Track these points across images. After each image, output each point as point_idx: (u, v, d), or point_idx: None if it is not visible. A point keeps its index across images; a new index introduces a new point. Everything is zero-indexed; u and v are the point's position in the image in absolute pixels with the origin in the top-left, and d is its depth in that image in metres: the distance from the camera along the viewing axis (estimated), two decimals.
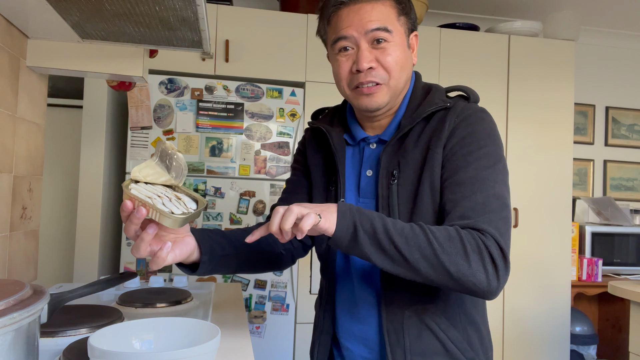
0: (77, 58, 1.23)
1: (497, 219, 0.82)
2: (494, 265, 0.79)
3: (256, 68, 2.34)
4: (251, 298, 2.25)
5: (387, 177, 0.93)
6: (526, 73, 2.66)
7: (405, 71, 0.95)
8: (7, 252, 1.14)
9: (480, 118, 0.92)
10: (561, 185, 2.66)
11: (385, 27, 0.91)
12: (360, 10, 0.92)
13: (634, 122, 3.54)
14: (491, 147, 0.89)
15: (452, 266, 0.77)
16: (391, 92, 0.94)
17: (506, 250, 0.80)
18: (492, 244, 0.79)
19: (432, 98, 0.95)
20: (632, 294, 1.76)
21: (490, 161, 0.87)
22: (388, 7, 0.93)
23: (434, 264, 0.78)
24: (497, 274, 0.79)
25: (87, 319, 0.97)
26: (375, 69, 0.92)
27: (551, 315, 2.63)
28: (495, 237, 0.80)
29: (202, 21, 1.01)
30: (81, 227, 2.20)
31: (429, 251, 0.78)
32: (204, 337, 0.76)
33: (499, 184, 0.86)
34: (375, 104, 0.94)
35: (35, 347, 0.62)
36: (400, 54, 0.93)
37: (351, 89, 0.96)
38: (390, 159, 0.94)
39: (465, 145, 0.88)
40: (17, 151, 1.18)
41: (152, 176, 0.82)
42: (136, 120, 2.17)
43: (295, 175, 1.13)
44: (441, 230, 0.80)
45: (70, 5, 0.96)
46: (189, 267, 0.92)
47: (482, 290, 0.79)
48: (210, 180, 2.24)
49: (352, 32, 0.92)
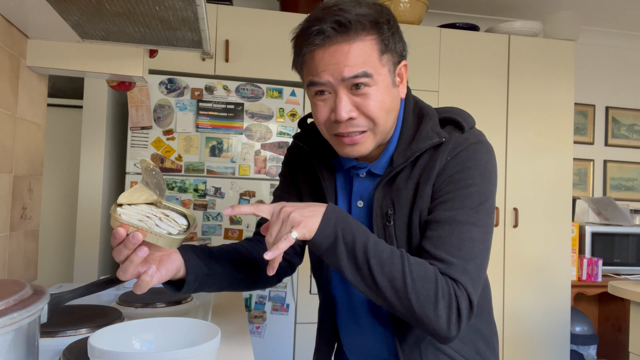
0: (77, 58, 1.22)
1: (470, 267, 0.79)
2: (459, 316, 0.77)
3: (256, 68, 2.34)
4: (251, 298, 2.25)
5: (382, 217, 0.89)
6: (526, 73, 2.66)
7: (391, 114, 0.87)
8: (7, 252, 1.14)
9: (473, 152, 0.86)
10: (561, 185, 2.66)
11: (365, 72, 0.81)
12: (336, 53, 0.81)
13: (634, 122, 3.54)
14: (480, 185, 0.84)
15: (418, 306, 0.76)
16: (378, 137, 0.87)
17: (474, 302, 0.79)
18: (463, 296, 0.78)
19: (426, 130, 0.88)
20: (632, 294, 1.76)
21: (475, 201, 0.83)
22: (369, 45, 0.82)
23: (401, 297, 0.76)
24: (459, 324, 0.78)
25: (87, 319, 0.97)
26: (356, 119, 0.83)
27: (551, 315, 2.63)
28: (468, 289, 0.78)
29: (202, 21, 1.01)
30: (81, 227, 2.20)
31: (399, 283, 0.76)
32: (204, 337, 0.76)
33: (480, 226, 0.82)
34: (358, 153, 0.87)
35: (35, 347, 0.62)
36: (384, 97, 0.84)
37: (331, 135, 0.87)
38: (383, 198, 0.90)
39: (451, 182, 0.84)
40: (17, 151, 1.18)
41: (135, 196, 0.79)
42: (136, 120, 2.17)
43: (284, 192, 1.07)
44: (420, 266, 0.78)
45: (70, 5, 0.96)
46: (174, 285, 0.89)
47: (439, 335, 0.78)
48: (210, 180, 2.24)
49: (327, 78, 0.82)
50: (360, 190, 0.94)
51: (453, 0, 3.06)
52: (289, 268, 1.07)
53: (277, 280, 1.05)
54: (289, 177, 1.07)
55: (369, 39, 0.82)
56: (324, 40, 0.81)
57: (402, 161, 0.88)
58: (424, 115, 0.91)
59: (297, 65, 0.89)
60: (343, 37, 0.81)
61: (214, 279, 0.91)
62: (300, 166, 1.04)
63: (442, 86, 2.56)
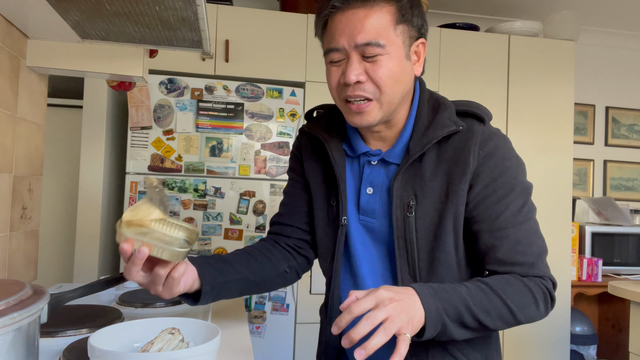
0: (77, 58, 1.22)
1: (543, 257, 0.87)
2: (552, 301, 0.87)
3: (256, 68, 2.34)
4: (251, 298, 2.25)
5: (402, 208, 0.88)
6: (526, 73, 2.66)
7: (400, 85, 0.87)
8: (7, 252, 1.14)
9: (507, 150, 0.89)
10: (561, 185, 2.66)
11: (377, 42, 0.83)
12: (352, 18, 0.83)
13: (634, 122, 3.54)
14: (522, 183, 0.89)
15: (526, 318, 0.83)
16: (384, 109, 0.87)
17: (556, 282, 0.89)
18: (549, 285, 0.86)
19: (442, 118, 0.89)
20: (632, 294, 1.76)
21: (523, 198, 0.88)
22: (385, 14, 0.84)
23: (511, 322, 0.83)
24: (552, 306, 0.87)
25: (87, 319, 0.97)
26: (364, 83, 0.85)
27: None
28: (552, 278, 0.87)
29: (202, 21, 1.01)
30: (81, 227, 2.20)
31: (509, 316, 0.82)
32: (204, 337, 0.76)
33: (533, 220, 0.89)
34: (366, 122, 0.88)
35: (35, 347, 0.62)
36: (395, 67, 0.85)
37: (341, 101, 0.89)
38: (404, 188, 0.89)
39: (499, 187, 0.86)
40: (17, 151, 1.18)
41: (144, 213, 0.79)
42: (136, 120, 2.17)
43: (294, 188, 1.08)
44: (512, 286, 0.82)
45: (70, 5, 0.96)
46: (191, 297, 0.90)
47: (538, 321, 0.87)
48: (210, 180, 2.24)
49: (342, 44, 0.84)
50: (372, 177, 0.94)
51: (453, 0, 3.06)
52: (307, 263, 1.09)
53: (297, 277, 1.07)
54: (297, 172, 1.08)
55: (386, 7, 0.84)
56: (343, 3, 0.84)
57: (418, 149, 0.88)
58: (441, 105, 0.92)
59: (319, 31, 0.92)
60: (362, 2, 0.84)
61: (230, 286, 0.92)
62: (309, 158, 1.04)
63: (442, 86, 2.56)
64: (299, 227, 1.06)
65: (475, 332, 0.82)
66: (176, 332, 0.76)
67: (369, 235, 0.95)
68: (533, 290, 0.83)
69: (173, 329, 0.77)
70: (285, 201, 1.10)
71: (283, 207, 1.10)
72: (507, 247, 0.85)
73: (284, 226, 1.07)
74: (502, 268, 0.86)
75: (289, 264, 1.04)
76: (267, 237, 1.09)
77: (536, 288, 0.84)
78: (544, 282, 0.86)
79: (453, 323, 0.77)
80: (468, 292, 0.80)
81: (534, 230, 0.87)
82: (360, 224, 0.96)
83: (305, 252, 1.07)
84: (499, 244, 0.86)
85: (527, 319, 0.84)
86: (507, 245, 0.85)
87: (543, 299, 0.85)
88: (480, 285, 0.82)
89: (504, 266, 0.85)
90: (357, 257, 0.96)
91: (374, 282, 0.95)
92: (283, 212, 1.09)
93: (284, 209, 1.09)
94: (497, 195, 0.86)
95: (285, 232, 1.07)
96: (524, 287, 0.83)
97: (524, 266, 0.85)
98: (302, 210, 1.06)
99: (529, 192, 0.90)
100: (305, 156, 1.05)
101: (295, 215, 1.07)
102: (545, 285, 0.85)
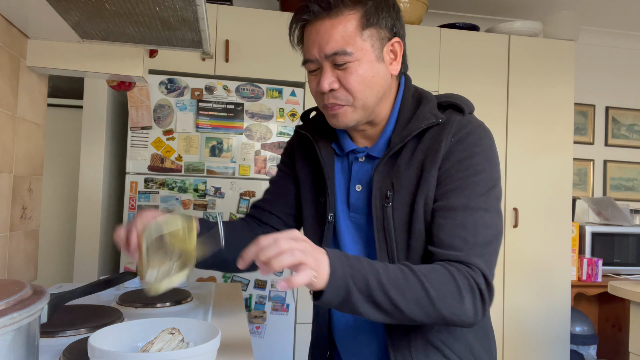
0: (77, 58, 1.23)
1: (486, 252, 0.82)
2: (482, 301, 0.80)
3: (256, 68, 2.34)
4: (251, 298, 2.25)
5: (381, 199, 0.90)
6: (526, 73, 2.66)
7: (373, 88, 0.89)
8: (7, 252, 1.14)
9: (478, 138, 0.87)
10: (561, 185, 2.66)
11: (344, 50, 0.85)
12: (320, 29, 0.87)
13: (634, 122, 3.54)
14: (488, 171, 0.86)
15: (447, 310, 0.77)
16: (359, 112, 0.90)
17: (492, 283, 0.81)
18: (481, 279, 0.80)
19: (423, 112, 0.90)
20: (632, 294, 1.76)
21: (484, 187, 0.85)
22: (350, 21, 0.86)
23: (430, 312, 0.77)
24: (483, 307, 0.80)
25: (87, 319, 0.97)
26: (337, 90, 0.88)
27: (551, 315, 2.63)
28: (484, 272, 0.80)
29: (202, 21, 1.01)
30: (81, 227, 2.20)
31: (425, 301, 0.76)
32: (204, 337, 0.76)
33: (491, 212, 0.84)
34: (342, 124, 0.91)
35: (35, 347, 0.62)
36: (366, 72, 0.87)
37: (321, 107, 0.93)
38: (382, 179, 0.90)
39: (461, 169, 0.85)
40: (17, 151, 1.18)
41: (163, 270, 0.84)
42: (136, 120, 2.17)
43: (282, 179, 1.10)
44: (435, 272, 0.78)
45: (70, 5, 0.96)
46: None
47: (467, 323, 0.80)
48: (210, 180, 2.24)
49: (314, 55, 0.88)
50: (360, 174, 0.96)
51: (453, 0, 3.06)
52: None
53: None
54: (288, 165, 1.10)
55: (350, 15, 0.86)
56: (310, 16, 0.88)
57: (398, 141, 0.90)
58: (423, 99, 0.94)
59: (294, 44, 0.96)
60: (327, 13, 0.86)
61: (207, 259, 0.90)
62: (300, 155, 1.07)
63: (442, 86, 2.56)
64: (279, 217, 1.08)
65: (389, 315, 0.76)
66: (176, 332, 0.76)
67: (358, 232, 0.97)
68: (457, 279, 0.78)
69: (173, 329, 0.77)
70: (271, 189, 1.12)
71: (267, 194, 1.12)
72: (450, 229, 0.83)
73: (264, 212, 1.09)
74: (438, 250, 0.83)
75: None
76: (248, 219, 1.11)
77: (462, 278, 0.78)
78: (473, 273, 0.79)
79: (359, 293, 0.74)
80: (384, 268, 0.76)
81: (484, 222, 0.83)
82: (350, 221, 0.97)
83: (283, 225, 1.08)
84: (444, 223, 0.83)
85: (448, 312, 0.77)
86: (451, 226, 0.83)
87: (469, 291, 0.78)
88: (400, 266, 0.78)
89: (442, 248, 0.82)
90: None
91: None
92: (267, 199, 1.11)
93: (268, 196, 1.11)
94: (458, 176, 0.85)
95: (265, 218, 1.09)
96: (448, 275, 0.78)
97: (459, 252, 0.81)
98: (285, 200, 1.08)
99: (493, 185, 0.86)
100: (297, 154, 1.08)
101: (277, 204, 1.09)
102: (473, 277, 0.79)
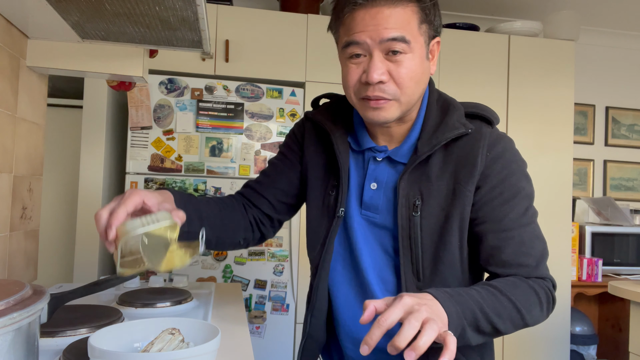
0: (77, 58, 1.22)
1: (545, 260, 0.89)
2: (554, 304, 0.89)
3: (256, 68, 2.34)
4: (251, 298, 2.25)
5: (408, 207, 0.89)
6: (526, 73, 2.66)
7: (420, 85, 0.87)
8: (7, 252, 1.14)
9: (513, 154, 0.90)
10: (561, 185, 2.66)
11: (403, 37, 0.82)
12: (377, 15, 0.82)
13: (634, 122, 3.54)
14: (527, 187, 0.90)
15: (532, 321, 0.84)
16: (403, 108, 0.87)
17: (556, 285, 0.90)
18: (551, 286, 0.88)
19: (452, 120, 0.89)
20: (632, 294, 1.76)
21: (528, 202, 0.89)
22: (410, 13, 0.83)
23: (519, 325, 0.83)
24: (553, 307, 0.89)
25: (87, 319, 0.96)
26: (386, 83, 0.84)
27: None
28: (552, 280, 0.89)
29: (202, 21, 1.01)
30: (81, 227, 2.20)
31: (518, 319, 0.82)
32: (204, 337, 0.76)
33: (535, 223, 0.90)
34: (383, 119, 0.87)
35: (35, 347, 0.62)
36: (417, 68, 0.85)
37: (358, 99, 0.88)
38: (409, 187, 0.89)
39: (505, 189, 0.87)
40: (17, 151, 1.18)
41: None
42: (136, 120, 2.17)
43: (282, 163, 1.07)
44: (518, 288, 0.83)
45: (70, 5, 0.96)
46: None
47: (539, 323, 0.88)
48: (210, 180, 2.24)
49: (365, 39, 0.83)
50: (376, 173, 0.94)
51: (453, 0, 3.06)
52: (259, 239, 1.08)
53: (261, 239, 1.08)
54: (293, 150, 1.06)
55: (410, 5, 0.83)
56: (367, 0, 0.82)
57: (426, 149, 0.88)
58: (450, 106, 0.93)
59: (334, 26, 0.90)
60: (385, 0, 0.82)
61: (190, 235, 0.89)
62: (311, 145, 1.03)
63: (442, 86, 2.56)
64: (270, 202, 1.06)
65: (486, 337, 0.80)
66: (176, 333, 0.76)
67: (371, 230, 0.95)
68: (538, 291, 0.84)
69: (173, 329, 0.77)
70: (268, 171, 1.09)
71: (263, 176, 1.09)
72: (512, 249, 0.86)
73: (256, 194, 1.07)
74: (505, 270, 0.86)
75: (246, 235, 1.04)
76: (238, 198, 1.08)
77: (540, 289, 0.85)
78: (546, 283, 0.87)
79: (470, 327, 0.76)
80: (480, 295, 0.78)
81: (536, 234, 0.89)
82: (362, 217, 0.95)
83: (265, 230, 1.07)
84: (503, 245, 0.86)
85: (533, 321, 0.84)
86: (512, 246, 0.86)
87: (546, 300, 0.86)
88: (489, 288, 0.81)
89: (508, 268, 0.86)
90: (359, 250, 0.95)
91: (375, 275, 0.94)
92: (261, 181, 1.08)
93: (263, 178, 1.08)
94: (504, 197, 0.87)
95: (256, 201, 1.06)
96: (529, 288, 0.84)
97: (528, 268, 0.86)
98: (280, 187, 1.06)
99: (532, 197, 0.91)
100: (307, 142, 1.04)
101: (271, 189, 1.06)
102: (547, 287, 0.87)
